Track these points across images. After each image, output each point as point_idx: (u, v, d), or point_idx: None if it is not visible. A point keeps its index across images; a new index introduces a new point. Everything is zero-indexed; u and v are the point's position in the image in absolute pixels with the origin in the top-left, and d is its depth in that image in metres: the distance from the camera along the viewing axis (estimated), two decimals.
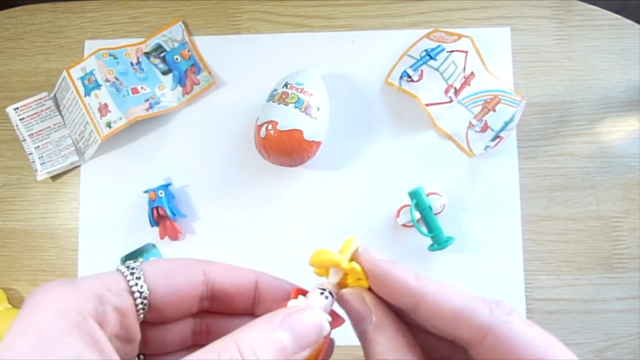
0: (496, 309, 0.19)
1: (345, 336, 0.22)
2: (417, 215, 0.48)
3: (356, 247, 0.22)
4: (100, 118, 0.52)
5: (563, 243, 0.51)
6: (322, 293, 0.21)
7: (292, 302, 0.21)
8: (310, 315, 0.20)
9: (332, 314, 0.21)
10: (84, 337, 0.17)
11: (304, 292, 0.22)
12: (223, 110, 0.54)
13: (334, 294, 0.21)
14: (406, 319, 0.21)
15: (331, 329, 0.21)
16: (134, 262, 0.21)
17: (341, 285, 0.22)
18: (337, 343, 0.22)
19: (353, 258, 0.21)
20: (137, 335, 0.21)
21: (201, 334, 0.24)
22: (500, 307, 0.19)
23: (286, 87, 0.48)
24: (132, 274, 0.20)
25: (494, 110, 0.52)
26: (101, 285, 0.19)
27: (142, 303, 0.20)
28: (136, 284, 0.20)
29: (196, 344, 0.23)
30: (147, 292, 0.20)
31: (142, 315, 0.21)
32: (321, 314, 0.20)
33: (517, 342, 0.18)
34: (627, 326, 0.49)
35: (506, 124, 0.51)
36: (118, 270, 0.21)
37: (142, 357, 0.22)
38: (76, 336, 0.17)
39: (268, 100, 0.49)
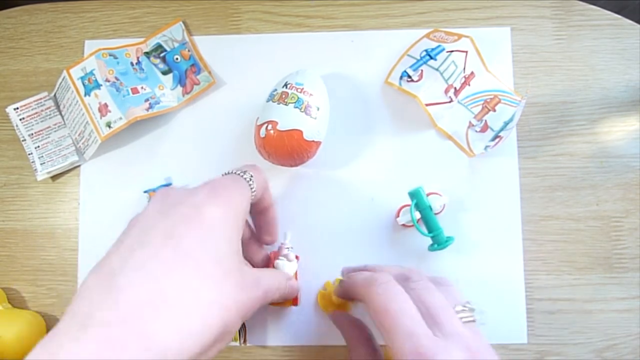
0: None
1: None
2: (417, 215, 0.48)
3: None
4: (100, 118, 0.52)
5: (563, 243, 0.51)
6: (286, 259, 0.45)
7: (277, 262, 0.45)
8: (292, 280, 0.43)
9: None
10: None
11: (276, 254, 0.46)
12: (223, 110, 0.54)
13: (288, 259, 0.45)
14: None
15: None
16: (242, 172, 0.39)
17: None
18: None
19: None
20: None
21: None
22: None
23: (286, 87, 0.48)
24: (247, 179, 0.38)
25: (494, 110, 0.52)
26: (240, 195, 0.36)
27: (252, 192, 0.38)
28: (250, 185, 0.38)
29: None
30: (254, 185, 0.38)
31: (253, 198, 0.39)
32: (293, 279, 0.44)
33: None
34: (627, 326, 0.49)
35: (506, 123, 0.51)
36: (238, 175, 0.38)
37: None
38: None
39: (268, 100, 0.49)
